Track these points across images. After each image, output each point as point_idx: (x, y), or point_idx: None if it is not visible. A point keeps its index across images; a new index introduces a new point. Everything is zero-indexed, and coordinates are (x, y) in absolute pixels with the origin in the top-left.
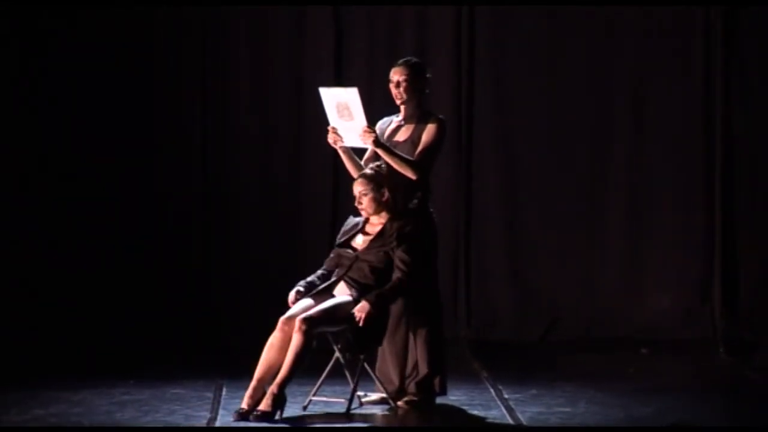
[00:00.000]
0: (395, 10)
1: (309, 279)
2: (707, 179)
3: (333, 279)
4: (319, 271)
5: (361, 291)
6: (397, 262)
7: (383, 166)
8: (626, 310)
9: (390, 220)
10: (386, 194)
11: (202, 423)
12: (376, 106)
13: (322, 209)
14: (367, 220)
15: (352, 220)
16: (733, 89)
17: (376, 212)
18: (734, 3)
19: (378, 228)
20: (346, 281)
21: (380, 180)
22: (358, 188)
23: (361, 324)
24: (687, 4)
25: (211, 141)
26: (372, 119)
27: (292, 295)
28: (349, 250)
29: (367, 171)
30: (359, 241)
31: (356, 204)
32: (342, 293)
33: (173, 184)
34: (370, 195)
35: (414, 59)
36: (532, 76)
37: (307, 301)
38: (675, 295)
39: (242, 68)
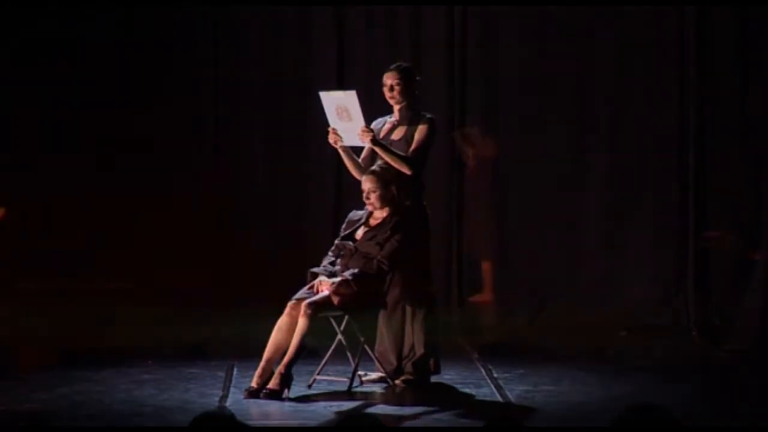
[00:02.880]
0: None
1: (324, 264)
2: (682, 180)
3: (336, 268)
4: (327, 261)
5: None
6: (385, 246)
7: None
8: (607, 298)
9: (390, 214)
10: (393, 191)
11: (215, 400)
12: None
13: (326, 205)
14: (370, 214)
15: (355, 214)
16: (706, 90)
17: (381, 207)
18: (707, 2)
19: (379, 221)
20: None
21: (388, 178)
22: (367, 185)
23: (336, 303)
24: (661, 4)
25: (222, 146)
26: (371, 117)
27: (309, 277)
28: (350, 243)
29: (377, 169)
30: (360, 233)
31: (364, 199)
32: None
33: (189, 183)
34: (378, 192)
35: (405, 64)
36: (519, 72)
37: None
38: (652, 284)
39: (253, 65)
